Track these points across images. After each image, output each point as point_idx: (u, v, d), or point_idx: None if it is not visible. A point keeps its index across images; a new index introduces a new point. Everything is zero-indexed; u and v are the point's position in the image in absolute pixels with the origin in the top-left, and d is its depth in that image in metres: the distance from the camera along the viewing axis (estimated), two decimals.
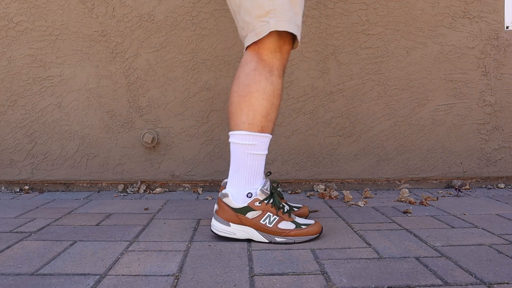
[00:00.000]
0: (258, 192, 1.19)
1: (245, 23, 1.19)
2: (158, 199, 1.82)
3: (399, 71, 1.99)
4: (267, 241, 1.19)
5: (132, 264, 1.03)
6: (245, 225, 1.19)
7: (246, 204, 1.19)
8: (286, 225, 1.19)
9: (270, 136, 1.22)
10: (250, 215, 1.19)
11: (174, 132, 1.97)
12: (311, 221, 1.23)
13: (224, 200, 1.21)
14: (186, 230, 1.33)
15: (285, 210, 1.22)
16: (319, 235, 1.22)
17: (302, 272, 0.98)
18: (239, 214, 1.19)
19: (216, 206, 1.24)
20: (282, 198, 1.40)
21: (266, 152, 1.23)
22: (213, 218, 1.23)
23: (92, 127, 1.97)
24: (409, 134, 2.01)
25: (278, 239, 1.18)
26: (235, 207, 1.19)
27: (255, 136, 1.19)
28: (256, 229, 1.19)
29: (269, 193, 1.21)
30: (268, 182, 1.22)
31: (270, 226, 1.18)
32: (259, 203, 1.18)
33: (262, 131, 1.19)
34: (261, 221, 1.18)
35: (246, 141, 1.19)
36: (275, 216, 1.19)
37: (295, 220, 1.22)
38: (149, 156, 1.98)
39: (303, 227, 1.20)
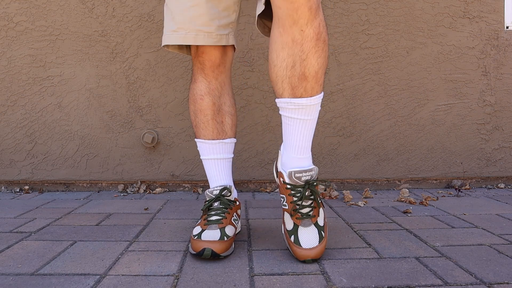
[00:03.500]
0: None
1: None
2: (158, 199, 1.82)
3: (399, 71, 1.99)
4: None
5: (132, 264, 1.03)
6: None
7: None
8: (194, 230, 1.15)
9: (201, 140, 1.25)
10: None
11: (174, 132, 1.97)
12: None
13: None
14: (186, 230, 1.33)
15: (207, 219, 1.14)
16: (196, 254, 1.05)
17: (302, 272, 0.98)
18: None
19: None
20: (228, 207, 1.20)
21: (208, 156, 1.24)
22: None
23: (92, 127, 1.97)
24: (409, 134, 2.01)
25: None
26: None
27: (196, 142, 1.28)
28: None
29: (213, 197, 1.18)
30: (218, 189, 1.19)
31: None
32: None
33: (195, 136, 1.28)
34: None
35: None
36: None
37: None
38: (149, 156, 1.98)
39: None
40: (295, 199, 1.07)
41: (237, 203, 1.23)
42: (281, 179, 1.10)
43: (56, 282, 0.92)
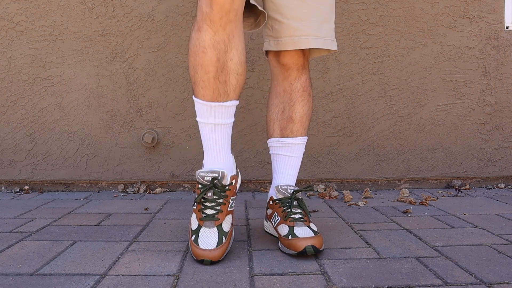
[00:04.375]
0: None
1: None
2: (158, 199, 1.82)
3: (399, 71, 1.99)
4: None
5: (132, 264, 1.03)
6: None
7: None
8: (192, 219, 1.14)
9: (198, 100, 1.09)
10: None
11: (174, 132, 1.97)
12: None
13: None
14: (186, 230, 1.33)
15: (203, 211, 1.10)
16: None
17: (302, 272, 0.98)
18: None
19: None
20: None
21: (205, 120, 1.09)
22: None
23: (92, 127, 1.97)
24: (409, 134, 2.01)
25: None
26: None
27: (194, 101, 1.12)
28: None
29: (206, 183, 1.09)
30: (209, 176, 1.08)
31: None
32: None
33: (193, 94, 1.11)
34: None
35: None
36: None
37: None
38: (149, 156, 1.98)
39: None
40: (285, 208, 1.18)
41: (233, 182, 1.12)
42: (271, 201, 1.23)
43: (56, 282, 0.92)
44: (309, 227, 1.11)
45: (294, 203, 1.18)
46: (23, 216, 1.52)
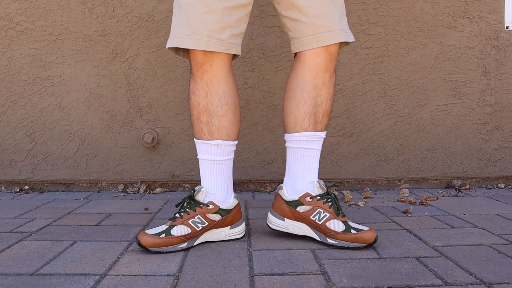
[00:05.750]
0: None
1: None
2: (158, 199, 1.82)
3: (399, 71, 1.99)
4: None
5: (132, 264, 1.03)
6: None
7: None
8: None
9: (199, 140, 1.22)
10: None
11: (174, 132, 1.97)
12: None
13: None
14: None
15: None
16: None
17: (302, 272, 0.98)
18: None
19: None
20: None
21: (198, 154, 1.24)
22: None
23: (92, 127, 1.97)
24: (409, 134, 2.01)
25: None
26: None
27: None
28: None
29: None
30: (199, 189, 1.20)
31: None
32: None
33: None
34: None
35: None
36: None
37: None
38: (149, 156, 1.98)
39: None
40: (330, 203, 1.20)
41: (210, 206, 1.18)
42: (307, 198, 1.20)
43: (56, 282, 0.92)
44: None
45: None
46: (23, 216, 1.52)
